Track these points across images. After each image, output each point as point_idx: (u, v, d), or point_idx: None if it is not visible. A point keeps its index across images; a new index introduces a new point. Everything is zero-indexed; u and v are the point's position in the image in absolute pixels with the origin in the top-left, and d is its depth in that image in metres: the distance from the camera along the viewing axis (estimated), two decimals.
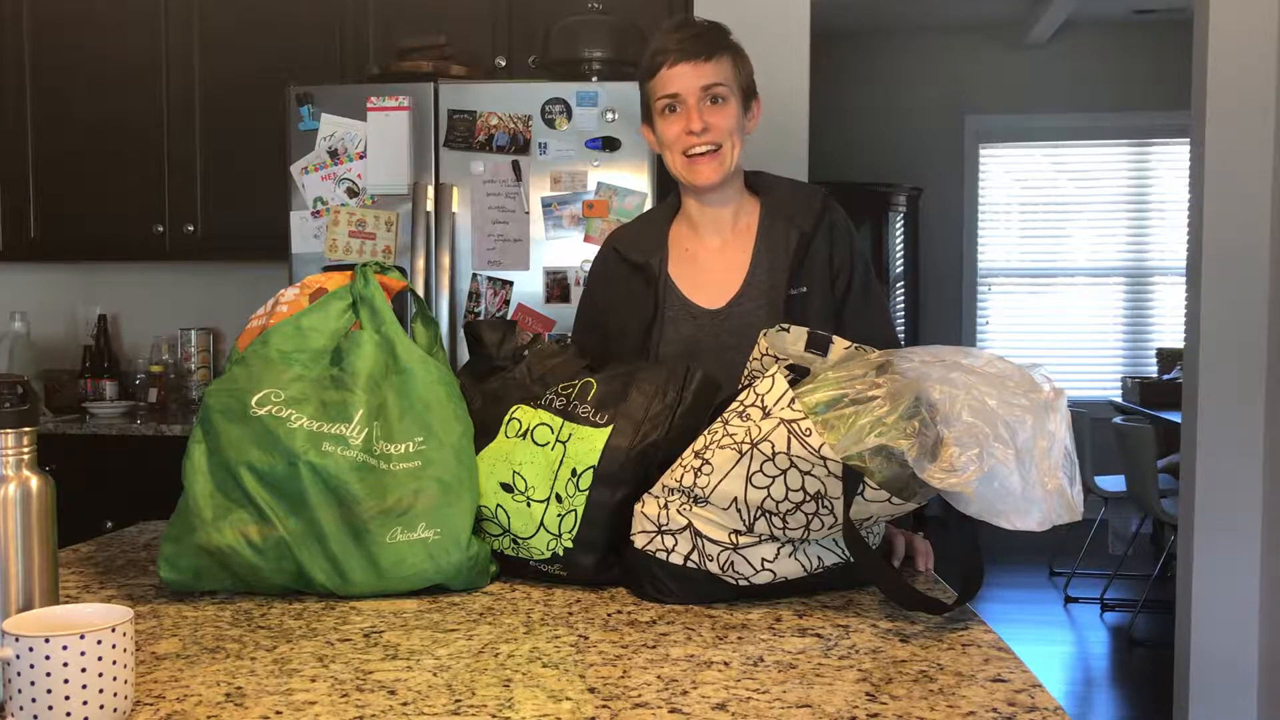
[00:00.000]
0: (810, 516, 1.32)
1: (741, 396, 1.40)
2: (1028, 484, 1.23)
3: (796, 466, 1.29)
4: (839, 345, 1.45)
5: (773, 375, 1.37)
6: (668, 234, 1.87)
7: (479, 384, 1.60)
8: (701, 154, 1.75)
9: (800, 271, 1.78)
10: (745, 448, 1.33)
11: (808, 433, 1.29)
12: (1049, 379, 1.29)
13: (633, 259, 1.84)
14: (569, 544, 1.45)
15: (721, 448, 1.35)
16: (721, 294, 1.80)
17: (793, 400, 1.32)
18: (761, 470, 1.32)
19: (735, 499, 1.34)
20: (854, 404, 1.29)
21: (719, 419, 1.41)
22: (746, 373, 1.50)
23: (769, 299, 1.77)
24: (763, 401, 1.36)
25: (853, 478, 1.28)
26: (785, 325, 1.49)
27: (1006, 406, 1.24)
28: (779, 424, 1.31)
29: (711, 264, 1.83)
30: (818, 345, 1.46)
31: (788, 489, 1.31)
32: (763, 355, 1.48)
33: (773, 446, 1.30)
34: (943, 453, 1.23)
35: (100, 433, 3.40)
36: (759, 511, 1.34)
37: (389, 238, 3.03)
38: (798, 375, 1.40)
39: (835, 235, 1.81)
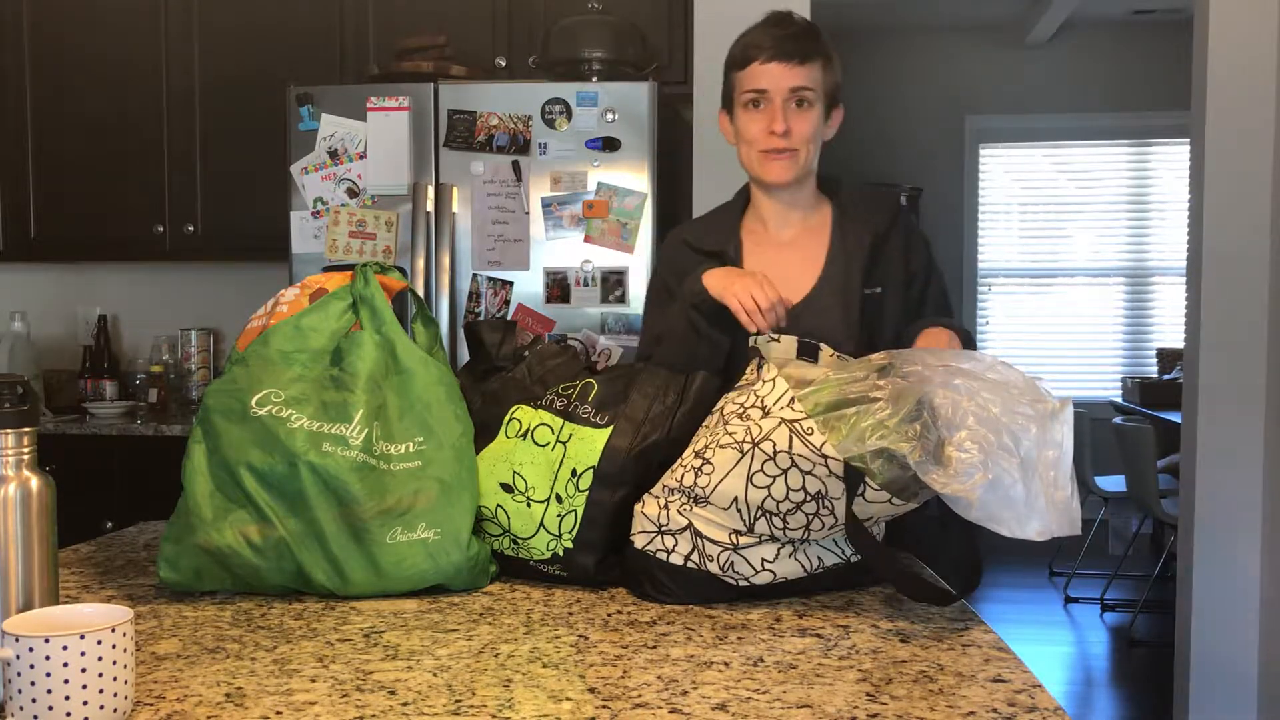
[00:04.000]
0: (810, 517, 1.33)
1: (741, 399, 1.40)
2: (1030, 493, 1.23)
3: (797, 466, 1.30)
4: (826, 352, 1.46)
5: (773, 379, 1.38)
6: (740, 226, 1.86)
7: (479, 384, 1.61)
8: (779, 154, 1.75)
9: (874, 271, 1.78)
10: (746, 447, 1.33)
11: (809, 431, 1.29)
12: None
13: (706, 247, 1.82)
14: (569, 544, 1.45)
15: (722, 447, 1.36)
16: (795, 289, 1.79)
17: (793, 400, 1.33)
18: (763, 470, 1.32)
19: (736, 498, 1.34)
20: (855, 405, 1.29)
21: (718, 413, 1.42)
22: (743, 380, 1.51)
23: (843, 297, 1.77)
24: (762, 403, 1.36)
25: (854, 476, 1.28)
26: (775, 335, 1.51)
27: (1010, 415, 1.24)
28: (780, 423, 1.32)
29: (784, 259, 1.82)
30: (808, 353, 1.47)
31: (788, 489, 1.31)
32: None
33: (774, 445, 1.31)
34: (947, 456, 1.23)
35: (100, 433, 3.40)
36: (759, 511, 1.34)
37: (389, 238, 3.03)
38: (808, 353, 1.43)
39: (911, 240, 1.83)
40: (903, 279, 1.81)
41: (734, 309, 1.60)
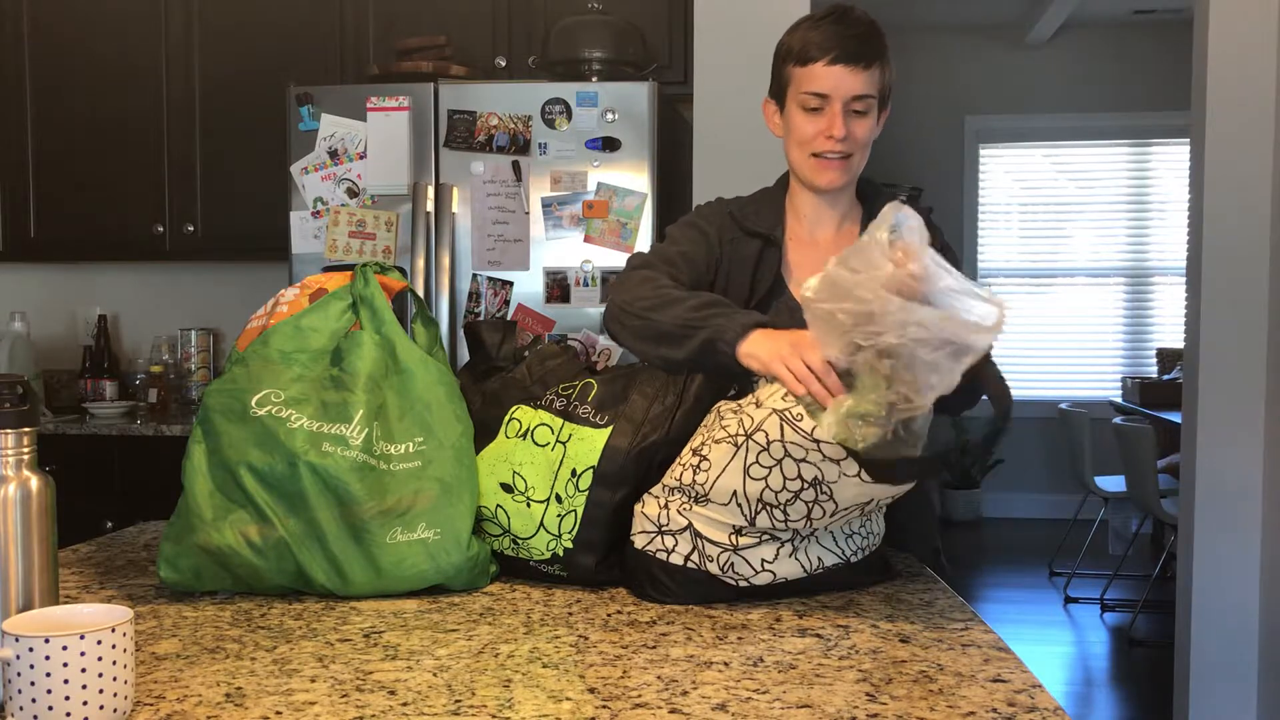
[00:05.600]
0: (810, 505, 1.33)
1: (740, 400, 1.41)
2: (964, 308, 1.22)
3: (790, 455, 1.32)
4: None
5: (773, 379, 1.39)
6: (784, 210, 1.79)
7: (479, 384, 1.61)
8: (832, 159, 1.70)
9: None
10: (740, 440, 1.35)
11: (799, 418, 1.31)
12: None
13: (752, 227, 1.75)
14: (569, 544, 1.45)
15: (717, 442, 1.37)
16: None
17: (786, 393, 1.34)
18: (758, 461, 1.33)
19: (735, 492, 1.35)
20: None
21: (714, 412, 1.43)
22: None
23: None
24: (757, 399, 1.38)
25: (853, 456, 1.31)
26: None
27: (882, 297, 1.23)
28: (771, 413, 1.34)
29: (815, 261, 1.74)
30: None
31: (785, 478, 1.32)
32: None
33: (766, 436, 1.33)
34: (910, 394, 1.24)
35: (100, 433, 3.40)
36: (759, 504, 1.34)
37: (389, 238, 3.03)
38: None
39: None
40: None
41: (783, 377, 1.37)
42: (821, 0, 3.20)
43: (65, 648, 0.93)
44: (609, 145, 2.96)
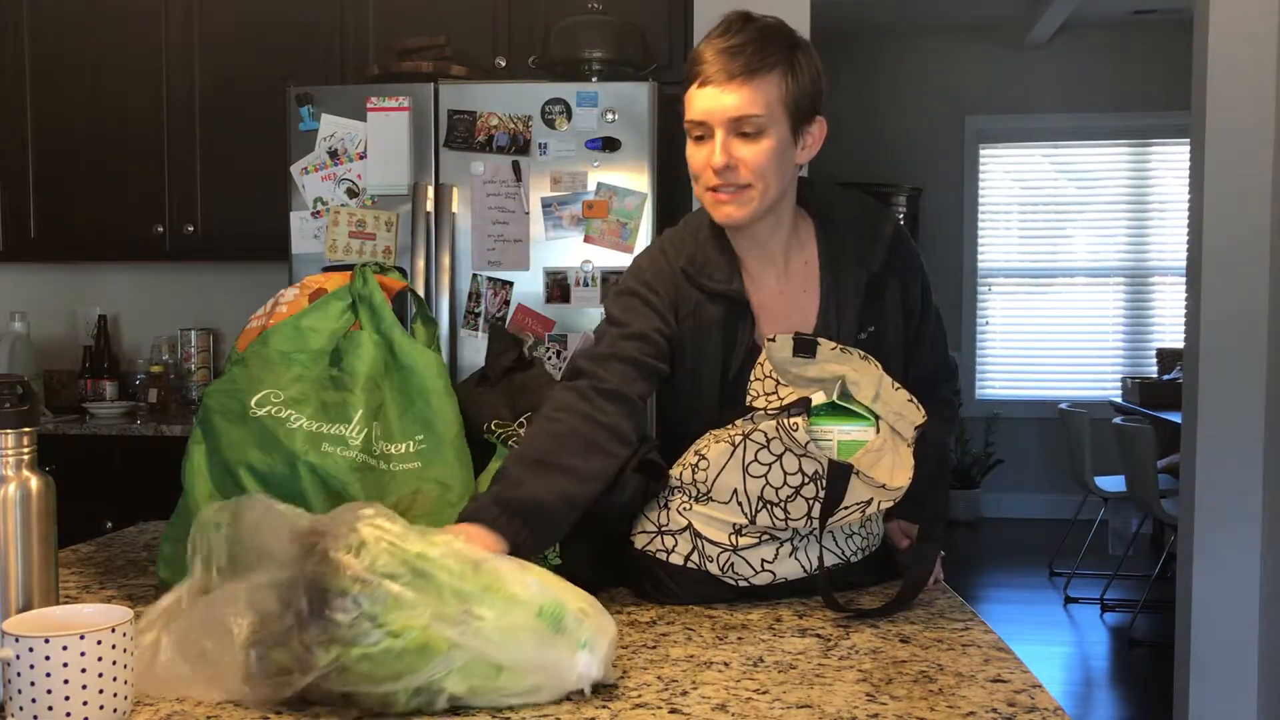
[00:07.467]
0: (811, 502, 1.34)
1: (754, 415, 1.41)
2: None
3: (791, 450, 1.32)
4: (826, 345, 1.43)
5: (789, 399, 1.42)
6: (734, 251, 1.55)
7: (503, 379, 1.63)
8: (724, 191, 1.47)
9: (868, 314, 1.55)
10: (738, 439, 1.36)
11: (795, 428, 1.33)
12: None
13: (710, 284, 1.52)
14: (558, 560, 1.44)
15: (718, 441, 1.38)
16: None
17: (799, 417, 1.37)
18: (756, 459, 1.34)
19: (735, 490, 1.36)
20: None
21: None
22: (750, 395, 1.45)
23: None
24: (765, 411, 1.40)
25: (843, 466, 1.32)
26: (773, 336, 1.44)
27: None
28: (771, 420, 1.36)
29: (773, 305, 1.56)
30: (805, 349, 1.42)
31: (785, 473, 1.33)
32: (764, 377, 1.44)
33: (765, 435, 1.34)
34: None
35: (100, 433, 3.40)
36: (760, 502, 1.35)
37: (389, 238, 3.03)
38: (804, 349, 1.43)
39: (907, 272, 1.58)
40: (900, 312, 1.59)
41: None
42: (819, 1, 3.20)
43: (65, 648, 0.93)
44: (609, 145, 2.96)
